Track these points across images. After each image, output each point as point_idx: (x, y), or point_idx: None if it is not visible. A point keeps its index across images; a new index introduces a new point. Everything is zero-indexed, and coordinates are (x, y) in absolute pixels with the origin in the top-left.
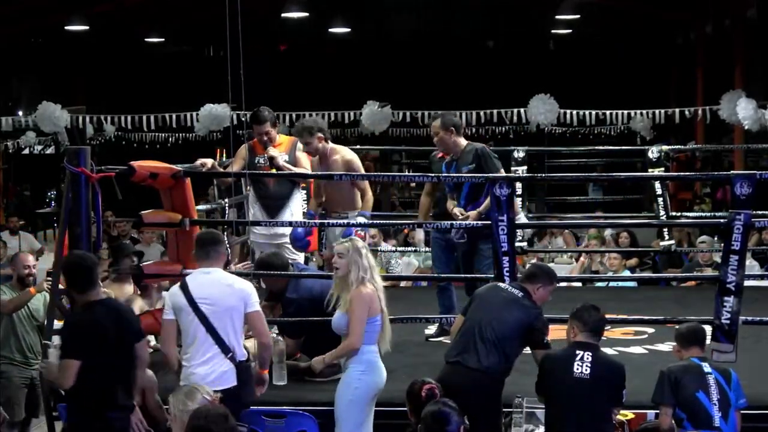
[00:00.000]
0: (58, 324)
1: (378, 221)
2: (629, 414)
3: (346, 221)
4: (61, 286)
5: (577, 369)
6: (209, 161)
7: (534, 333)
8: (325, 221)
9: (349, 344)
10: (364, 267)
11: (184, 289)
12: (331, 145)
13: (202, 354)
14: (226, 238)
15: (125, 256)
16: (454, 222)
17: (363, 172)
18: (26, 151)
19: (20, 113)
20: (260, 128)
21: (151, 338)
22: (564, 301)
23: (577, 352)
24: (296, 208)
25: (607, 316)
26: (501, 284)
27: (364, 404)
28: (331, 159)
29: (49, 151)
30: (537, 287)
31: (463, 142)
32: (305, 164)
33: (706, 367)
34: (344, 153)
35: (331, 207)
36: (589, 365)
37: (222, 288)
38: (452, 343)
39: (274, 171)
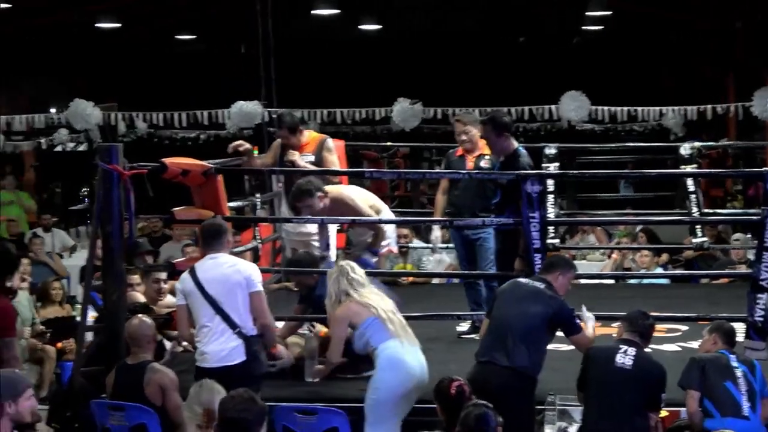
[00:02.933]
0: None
1: (407, 218)
2: (663, 412)
3: (375, 218)
4: (96, 283)
5: (620, 360)
6: (246, 144)
7: (563, 322)
8: (351, 218)
9: (326, 359)
10: (335, 292)
11: (192, 274)
12: (331, 195)
13: (212, 333)
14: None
15: (139, 254)
16: (484, 219)
17: (359, 204)
18: (59, 149)
19: (52, 110)
20: (279, 133)
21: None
22: (596, 299)
23: (621, 346)
24: None
25: None
26: (521, 279)
27: (388, 404)
28: (338, 210)
29: (82, 148)
30: (557, 275)
31: (513, 144)
32: (333, 164)
33: (734, 360)
34: (346, 202)
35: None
36: (632, 358)
37: (226, 269)
38: (481, 343)
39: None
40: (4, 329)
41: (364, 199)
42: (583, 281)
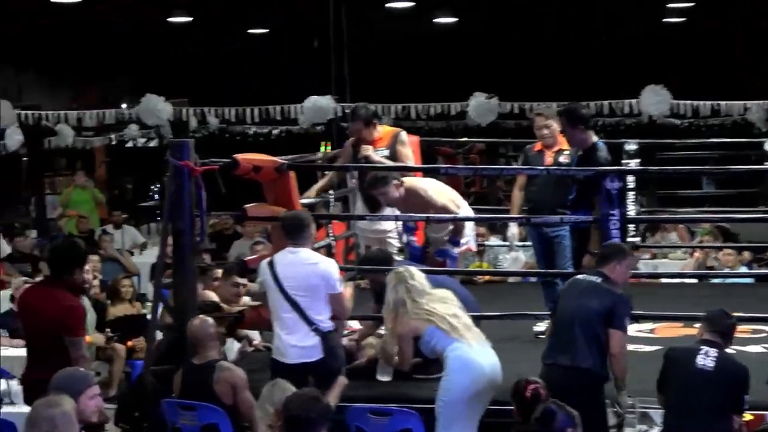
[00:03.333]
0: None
1: (482, 216)
2: (748, 415)
3: (450, 216)
4: (166, 280)
5: (700, 361)
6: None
7: (613, 315)
8: (426, 216)
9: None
10: (393, 300)
11: (271, 267)
12: (406, 185)
13: (289, 328)
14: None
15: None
16: (562, 217)
17: (432, 196)
18: (129, 144)
19: (123, 106)
20: (352, 126)
21: (256, 336)
22: (678, 298)
23: (702, 347)
24: None
25: None
26: (579, 276)
27: (459, 405)
28: (411, 201)
29: (152, 144)
30: (613, 266)
31: (592, 138)
32: (407, 157)
33: None
34: (420, 193)
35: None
36: (713, 360)
37: (305, 268)
38: (546, 345)
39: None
40: (72, 328)
41: (440, 191)
42: (664, 280)
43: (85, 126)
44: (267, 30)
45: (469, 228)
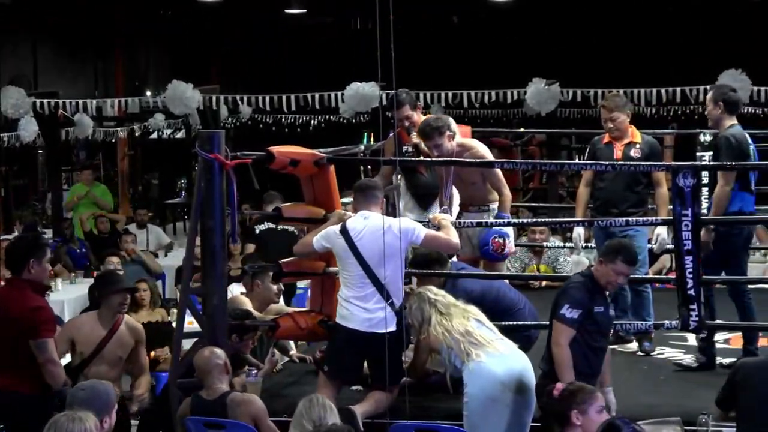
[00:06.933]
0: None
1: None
2: None
3: (507, 219)
4: (194, 285)
5: None
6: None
7: (555, 305)
8: (488, 221)
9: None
10: (417, 322)
11: (345, 234)
12: (458, 140)
13: (362, 297)
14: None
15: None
16: (628, 219)
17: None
18: (154, 136)
19: (148, 93)
20: (399, 113)
21: (291, 345)
22: (757, 305)
23: None
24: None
25: None
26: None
27: (479, 414)
28: (463, 157)
29: (180, 135)
30: (599, 260)
31: (728, 122)
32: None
33: None
34: (475, 149)
35: (463, 203)
36: None
37: (378, 235)
38: None
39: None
40: (39, 330)
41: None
42: None
43: (105, 116)
44: (305, 10)
45: (510, 229)
